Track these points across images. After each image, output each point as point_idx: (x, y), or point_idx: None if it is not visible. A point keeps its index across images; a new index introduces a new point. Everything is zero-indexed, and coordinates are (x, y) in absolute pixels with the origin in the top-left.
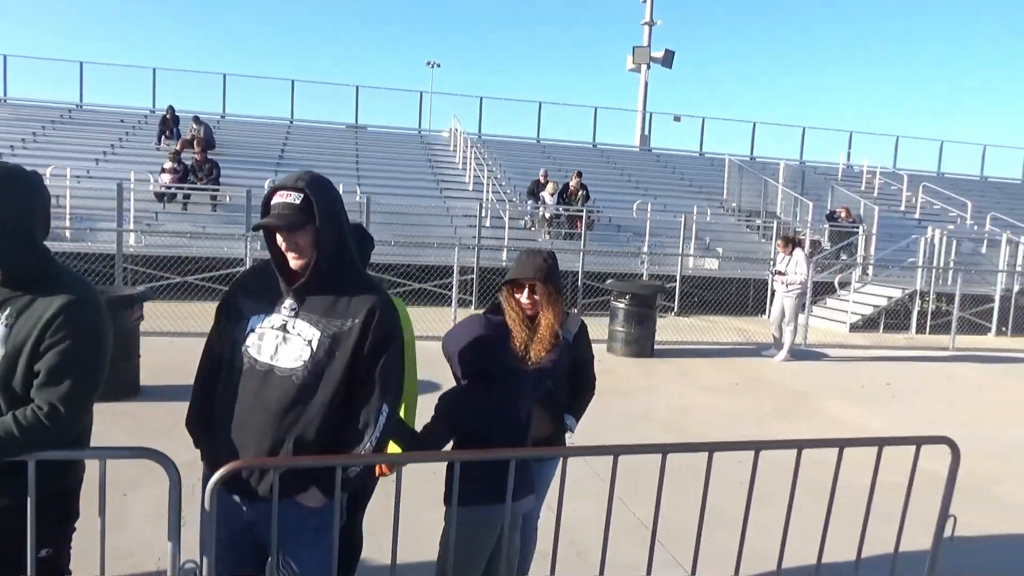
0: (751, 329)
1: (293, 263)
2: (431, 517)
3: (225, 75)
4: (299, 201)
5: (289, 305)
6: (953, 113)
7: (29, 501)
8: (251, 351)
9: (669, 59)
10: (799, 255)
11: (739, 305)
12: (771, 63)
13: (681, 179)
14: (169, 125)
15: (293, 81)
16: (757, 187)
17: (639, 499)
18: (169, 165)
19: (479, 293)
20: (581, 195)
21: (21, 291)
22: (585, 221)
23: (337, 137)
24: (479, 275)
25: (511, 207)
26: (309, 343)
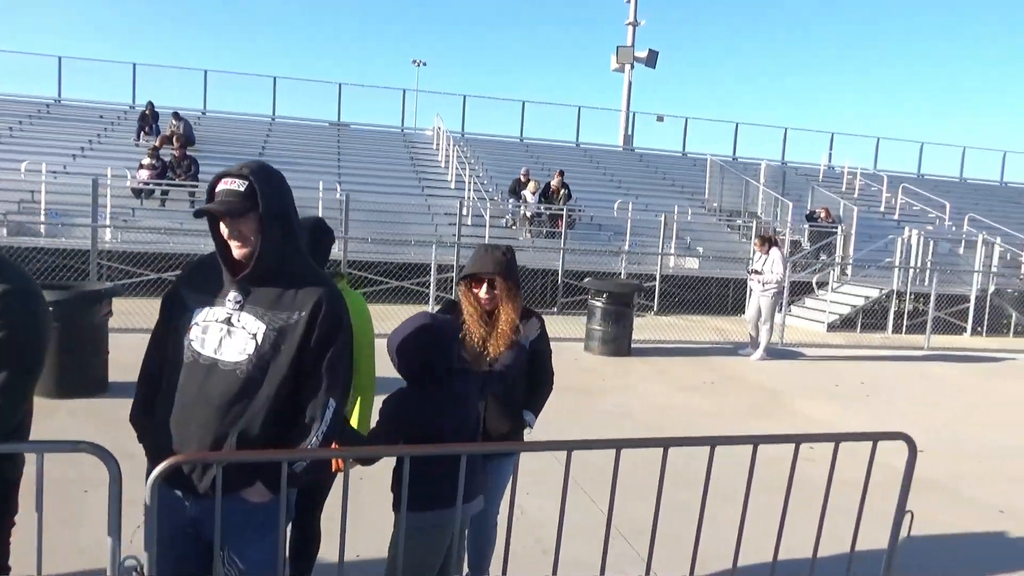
0: (729, 328)
1: (236, 252)
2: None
3: (206, 71)
4: (243, 188)
5: (234, 297)
6: (934, 115)
7: None
8: (195, 344)
9: (653, 59)
10: (775, 254)
11: (719, 304)
12: (754, 64)
13: (663, 179)
14: (148, 121)
15: (275, 78)
16: (738, 187)
17: (605, 495)
18: (147, 161)
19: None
20: (563, 194)
21: None
22: (566, 220)
23: (319, 134)
24: (459, 273)
25: (492, 206)
26: (254, 336)
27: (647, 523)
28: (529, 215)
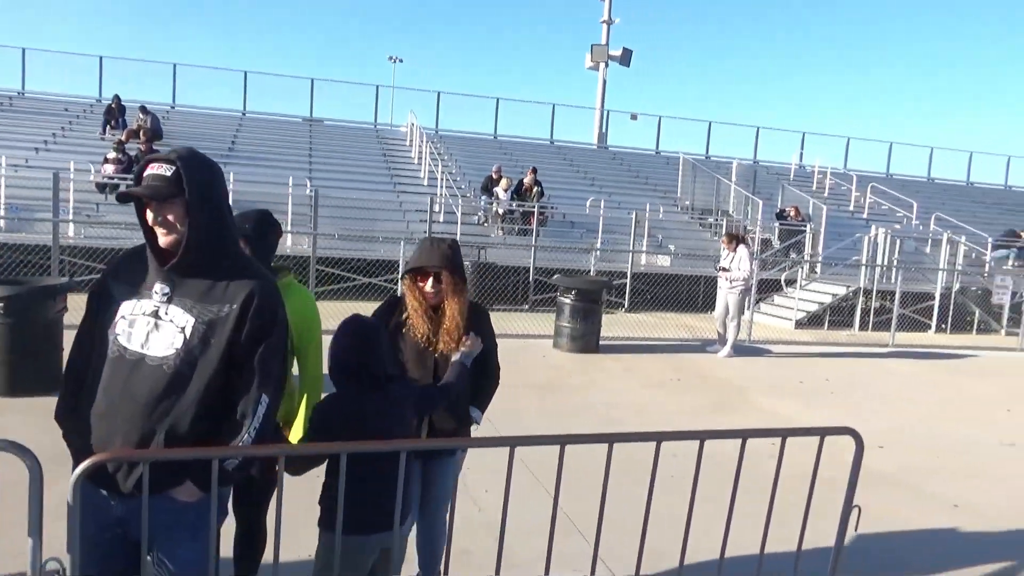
0: (698, 325)
1: (162, 239)
2: None
3: (175, 65)
4: (170, 173)
5: (161, 290)
6: (903, 116)
7: None
8: (121, 339)
9: (627, 58)
10: (743, 252)
11: (689, 302)
12: (728, 64)
13: (636, 177)
14: (115, 115)
15: (246, 72)
16: (711, 186)
17: (571, 493)
18: (113, 155)
19: None
20: (536, 192)
21: None
22: (538, 218)
23: (291, 130)
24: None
25: (464, 203)
26: (182, 330)
27: (609, 519)
28: (501, 212)
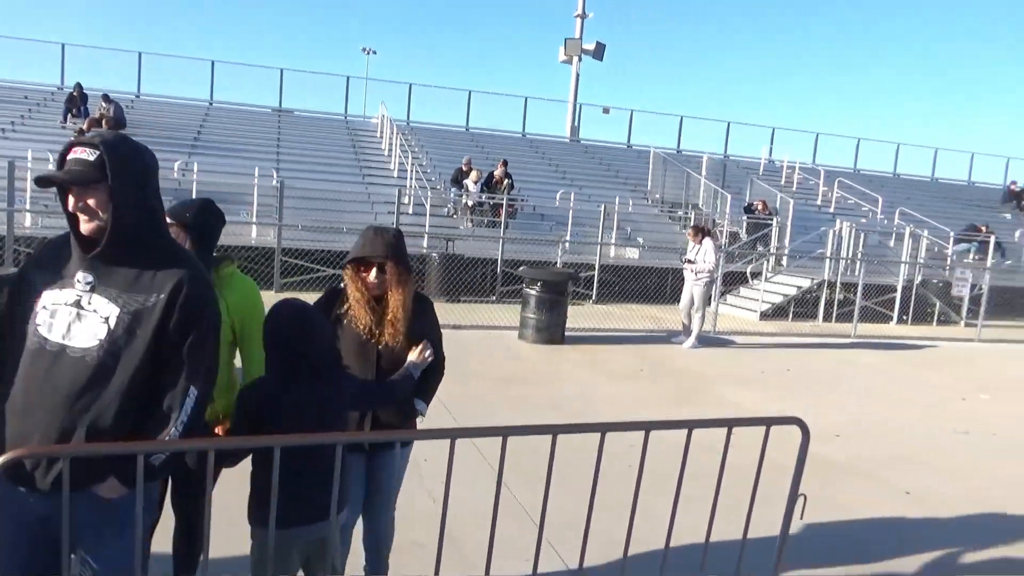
0: (665, 317)
1: (84, 226)
2: None
3: (140, 53)
4: (92, 158)
5: (84, 279)
6: (870, 112)
7: None
8: (41, 330)
9: (600, 52)
10: (708, 244)
11: (657, 294)
12: (700, 59)
13: (608, 170)
14: (76, 103)
15: (213, 62)
16: (681, 179)
17: (528, 484)
18: None
19: None
20: (507, 184)
21: None
22: (508, 210)
23: (259, 120)
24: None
25: (434, 194)
26: (106, 320)
27: (565, 512)
28: (470, 204)
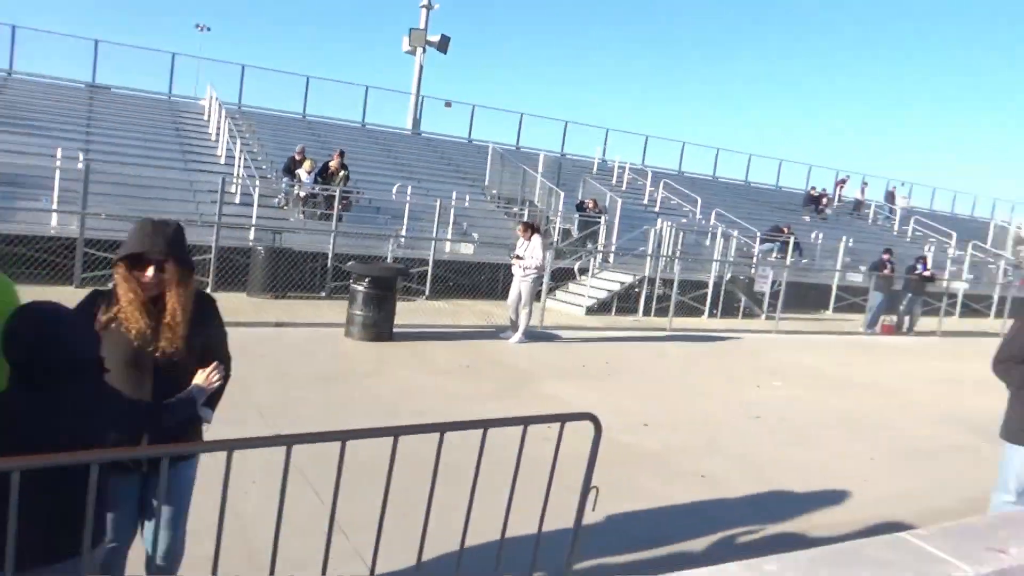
0: (496, 312)
1: None
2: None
3: None
4: None
5: None
6: (693, 117)
7: None
8: None
9: (444, 44)
10: (536, 240)
11: (490, 289)
12: (543, 58)
13: (448, 164)
14: None
15: (14, 27)
16: (518, 176)
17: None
18: None
19: (216, 274)
20: (343, 175)
21: None
22: (343, 202)
23: (68, 95)
24: (218, 255)
25: (264, 184)
26: None
27: (368, 516)
28: (303, 196)
